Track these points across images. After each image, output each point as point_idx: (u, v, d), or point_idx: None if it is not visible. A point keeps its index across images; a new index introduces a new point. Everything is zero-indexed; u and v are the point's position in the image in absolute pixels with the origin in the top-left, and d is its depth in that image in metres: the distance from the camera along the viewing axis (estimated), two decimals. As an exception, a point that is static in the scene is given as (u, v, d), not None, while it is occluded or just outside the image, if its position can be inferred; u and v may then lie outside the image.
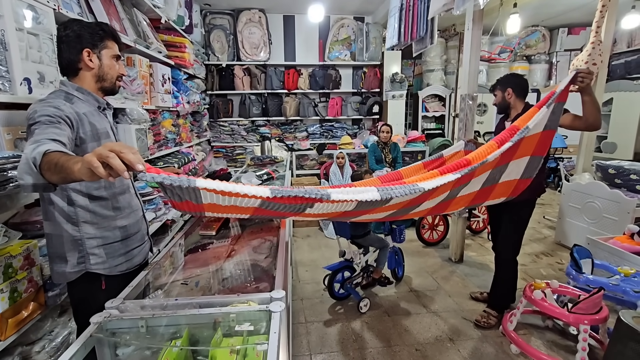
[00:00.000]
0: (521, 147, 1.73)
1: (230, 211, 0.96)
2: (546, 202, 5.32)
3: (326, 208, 1.04)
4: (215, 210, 0.93)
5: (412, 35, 3.23)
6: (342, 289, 2.61)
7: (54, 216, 1.24)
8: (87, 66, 1.26)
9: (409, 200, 1.33)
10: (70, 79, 1.28)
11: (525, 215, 2.27)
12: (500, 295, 2.39)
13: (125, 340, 0.76)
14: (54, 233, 1.26)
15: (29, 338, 1.50)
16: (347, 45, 5.67)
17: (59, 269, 1.28)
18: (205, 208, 0.87)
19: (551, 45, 6.41)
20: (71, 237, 1.26)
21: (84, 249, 1.28)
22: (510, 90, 2.27)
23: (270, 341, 0.69)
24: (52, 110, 1.10)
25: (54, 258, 1.28)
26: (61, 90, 1.25)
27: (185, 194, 0.79)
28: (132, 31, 2.48)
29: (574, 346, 1.89)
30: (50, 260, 1.30)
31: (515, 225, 2.28)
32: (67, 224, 1.25)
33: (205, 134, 4.94)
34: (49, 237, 1.28)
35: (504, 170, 1.78)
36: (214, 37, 5.18)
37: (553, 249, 3.54)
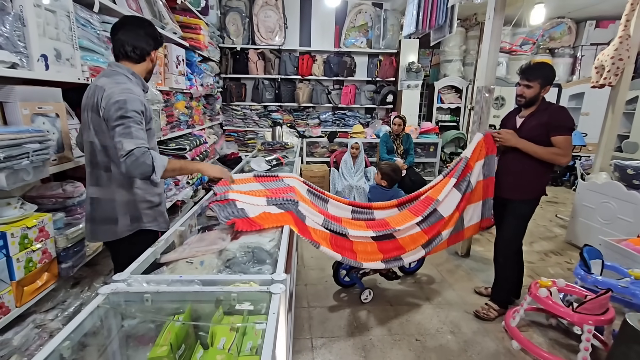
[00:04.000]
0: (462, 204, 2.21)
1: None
2: (560, 200, 5.21)
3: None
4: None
5: (431, 23, 3.14)
6: (348, 277, 2.64)
7: (108, 182, 1.44)
8: (151, 61, 1.56)
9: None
10: (121, 62, 1.49)
11: (526, 214, 2.24)
12: (501, 290, 2.37)
13: (130, 312, 0.79)
14: (104, 197, 1.45)
15: (43, 307, 1.57)
16: (363, 32, 5.56)
17: (109, 229, 1.47)
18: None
19: (577, 38, 6.16)
20: (124, 200, 1.47)
21: (138, 210, 1.51)
22: (549, 88, 2.08)
23: (269, 321, 0.70)
24: (138, 106, 1.35)
25: (102, 219, 1.47)
26: (122, 73, 1.45)
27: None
28: (147, 11, 2.48)
29: (577, 346, 1.88)
30: (95, 222, 1.48)
31: (515, 223, 2.25)
32: (121, 189, 1.46)
33: (217, 118, 4.96)
34: (96, 201, 1.46)
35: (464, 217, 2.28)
36: (230, 19, 5.14)
37: (563, 248, 3.49)
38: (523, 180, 2.16)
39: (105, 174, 1.44)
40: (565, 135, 2.02)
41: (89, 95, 1.43)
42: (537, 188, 2.18)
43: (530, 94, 2.08)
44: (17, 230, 1.29)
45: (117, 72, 1.45)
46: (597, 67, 3.25)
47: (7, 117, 1.36)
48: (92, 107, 1.39)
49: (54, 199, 1.61)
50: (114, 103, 1.30)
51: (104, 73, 1.47)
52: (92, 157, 1.44)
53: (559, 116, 2.03)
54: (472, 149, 2.26)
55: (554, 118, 2.03)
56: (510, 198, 2.23)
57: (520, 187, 2.19)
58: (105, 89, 1.35)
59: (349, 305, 2.45)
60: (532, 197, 2.20)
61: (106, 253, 2.03)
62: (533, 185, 2.16)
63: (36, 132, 1.32)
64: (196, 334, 0.83)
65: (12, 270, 1.28)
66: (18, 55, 1.33)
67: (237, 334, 0.75)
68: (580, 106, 6.28)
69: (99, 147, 1.42)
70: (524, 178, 2.16)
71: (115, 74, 1.44)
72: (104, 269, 2.01)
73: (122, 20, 1.52)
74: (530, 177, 2.15)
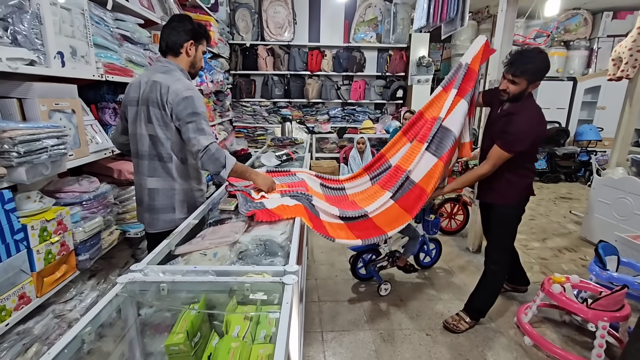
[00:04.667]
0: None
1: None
2: (574, 196, 5.11)
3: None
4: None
5: (442, 16, 3.10)
6: (365, 270, 2.65)
7: (168, 173, 1.54)
8: (187, 53, 1.58)
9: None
10: (168, 57, 1.57)
11: (510, 219, 2.05)
12: (479, 300, 2.14)
13: (147, 301, 0.81)
14: (162, 188, 1.54)
15: (62, 297, 1.62)
16: (373, 27, 5.51)
17: (167, 217, 1.57)
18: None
19: (593, 30, 5.99)
20: (183, 190, 1.58)
21: (194, 198, 1.63)
22: (539, 83, 1.81)
23: (283, 310, 0.71)
24: (203, 102, 1.49)
25: (161, 209, 1.56)
26: (173, 68, 1.54)
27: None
28: (159, 8, 2.51)
29: (590, 342, 1.85)
30: (155, 211, 1.57)
31: (502, 230, 2.08)
32: (179, 179, 1.56)
33: (227, 114, 5.00)
34: (155, 191, 1.55)
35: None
36: (239, 15, 5.15)
37: (577, 245, 3.43)
38: (502, 184, 1.98)
39: (165, 165, 1.53)
40: (500, 148, 1.82)
41: (145, 90, 1.50)
42: (518, 192, 1.99)
43: (515, 90, 1.78)
44: (37, 223, 1.33)
45: (169, 68, 1.53)
46: (614, 59, 3.16)
47: (26, 113, 1.40)
48: (153, 102, 1.47)
49: (71, 193, 1.65)
50: (183, 100, 1.42)
51: (157, 69, 1.55)
52: (151, 150, 1.52)
53: (517, 123, 1.78)
54: (473, 53, 1.96)
55: (510, 121, 1.81)
56: (492, 202, 2.08)
57: (500, 192, 2.01)
58: (169, 85, 1.45)
59: (359, 299, 2.46)
60: (514, 201, 2.00)
61: (122, 246, 2.08)
62: (513, 190, 1.98)
63: (54, 128, 1.35)
64: (211, 322, 0.85)
65: (33, 261, 1.33)
66: (36, 53, 1.36)
67: (251, 322, 0.76)
68: (596, 100, 6.12)
69: (163, 139, 1.50)
70: (502, 182, 1.98)
71: (168, 70, 1.52)
72: (119, 262, 2.06)
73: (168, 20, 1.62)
74: (508, 182, 1.96)
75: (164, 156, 1.52)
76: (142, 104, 1.51)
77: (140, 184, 1.60)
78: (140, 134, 1.53)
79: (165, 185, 1.55)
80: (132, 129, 1.58)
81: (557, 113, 6.25)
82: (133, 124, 1.57)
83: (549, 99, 6.14)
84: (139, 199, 1.65)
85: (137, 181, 1.63)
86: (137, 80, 1.56)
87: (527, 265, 2.99)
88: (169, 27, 1.55)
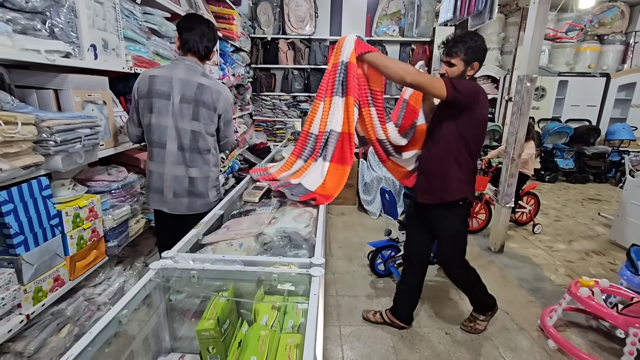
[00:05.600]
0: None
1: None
2: (603, 198, 4.91)
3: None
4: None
5: (470, 9, 3.01)
6: (384, 266, 2.64)
7: (205, 162, 1.71)
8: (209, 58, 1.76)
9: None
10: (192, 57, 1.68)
11: (450, 223, 1.85)
12: (478, 299, 2.07)
13: (179, 287, 0.83)
14: (199, 176, 1.71)
15: (92, 282, 1.69)
16: (396, 20, 5.41)
17: (204, 201, 1.75)
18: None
19: (630, 23, 5.69)
20: (215, 177, 1.79)
21: (219, 184, 1.86)
22: (477, 65, 1.70)
23: (311, 302, 0.72)
24: None
25: (198, 195, 1.73)
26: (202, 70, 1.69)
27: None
28: (185, 1, 2.54)
29: (619, 349, 1.79)
30: (194, 195, 1.73)
31: (447, 239, 1.91)
32: (214, 167, 1.77)
33: (247, 107, 5.04)
34: (194, 180, 1.71)
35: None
36: (261, 9, 5.16)
37: (606, 248, 3.29)
38: (436, 180, 1.81)
39: (204, 157, 1.71)
40: (442, 79, 1.62)
41: (186, 89, 1.62)
42: (455, 189, 1.77)
43: (453, 73, 1.69)
44: (71, 209, 1.38)
45: (199, 69, 1.67)
46: (654, 53, 2.99)
47: (61, 103, 1.45)
48: (204, 103, 1.64)
49: (101, 182, 1.71)
50: (230, 106, 1.75)
51: (196, 70, 1.66)
52: (192, 143, 1.67)
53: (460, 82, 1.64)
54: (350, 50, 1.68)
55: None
56: (425, 202, 1.85)
57: (432, 188, 1.82)
58: (219, 90, 1.68)
59: (377, 295, 2.45)
60: (450, 199, 1.78)
61: (147, 235, 2.14)
62: (449, 187, 1.77)
63: (87, 118, 1.39)
64: (238, 311, 0.86)
65: (67, 246, 1.38)
66: (71, 45, 1.41)
67: (279, 312, 0.77)
68: (630, 97, 5.83)
69: (206, 135, 1.69)
70: (437, 178, 1.80)
71: (203, 72, 1.68)
72: (144, 249, 2.13)
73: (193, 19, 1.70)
74: (444, 177, 1.78)
75: (204, 149, 1.70)
76: (187, 102, 1.63)
77: (162, 173, 1.68)
78: (181, 128, 1.64)
79: (202, 174, 1.72)
80: (158, 120, 1.63)
81: (588, 111, 5.99)
82: (161, 115, 1.63)
83: (579, 95, 5.90)
84: (157, 186, 1.71)
85: (157, 170, 1.69)
86: (164, 74, 1.61)
87: (551, 267, 2.91)
88: (202, 31, 1.66)
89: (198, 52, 1.67)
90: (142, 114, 1.66)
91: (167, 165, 1.68)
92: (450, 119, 1.73)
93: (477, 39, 1.68)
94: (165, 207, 1.74)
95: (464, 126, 1.71)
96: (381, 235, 2.72)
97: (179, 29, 1.67)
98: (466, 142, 1.74)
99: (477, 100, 1.68)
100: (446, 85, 1.57)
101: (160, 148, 1.66)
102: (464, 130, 1.72)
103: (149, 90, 1.62)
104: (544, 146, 5.75)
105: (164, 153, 1.66)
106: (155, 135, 1.66)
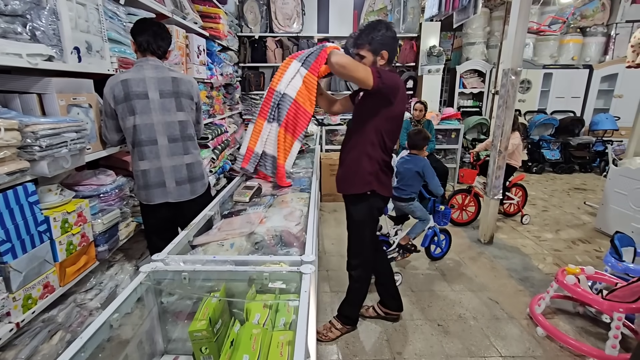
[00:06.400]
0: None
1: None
2: (588, 187, 5.02)
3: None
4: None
5: (455, 4, 3.04)
6: None
7: (195, 148, 1.86)
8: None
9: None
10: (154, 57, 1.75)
11: (356, 214, 1.85)
12: (348, 305, 2.03)
13: (170, 289, 0.84)
14: (194, 161, 1.84)
15: (83, 287, 1.68)
16: (383, 16, 5.42)
17: (202, 182, 1.89)
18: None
19: (611, 15, 5.80)
20: (202, 161, 1.93)
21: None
22: (386, 54, 1.67)
23: (301, 299, 0.73)
24: None
25: (197, 178, 1.85)
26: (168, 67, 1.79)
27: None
28: (169, 1, 2.51)
29: (605, 334, 1.84)
30: (194, 180, 1.84)
31: (351, 227, 1.91)
32: (198, 151, 1.89)
33: (237, 107, 5.00)
34: (191, 165, 1.82)
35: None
36: (247, 7, 5.12)
37: (592, 236, 3.38)
38: (348, 171, 1.81)
39: (193, 143, 1.85)
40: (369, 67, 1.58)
41: (167, 84, 1.73)
42: (363, 182, 1.76)
43: (365, 64, 1.63)
44: (59, 215, 1.37)
45: (166, 66, 1.77)
46: (633, 45, 3.07)
47: (46, 108, 1.43)
48: (184, 94, 1.78)
49: (88, 186, 1.69)
50: (199, 92, 1.89)
51: (162, 67, 1.75)
52: (182, 132, 1.79)
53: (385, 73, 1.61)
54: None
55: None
56: (339, 192, 1.88)
57: (344, 178, 1.84)
58: (191, 81, 1.84)
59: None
60: (357, 191, 1.80)
61: (138, 238, 2.12)
62: (358, 179, 1.77)
63: (73, 122, 1.38)
64: (230, 311, 0.87)
65: (56, 252, 1.37)
66: (53, 48, 1.38)
67: (271, 310, 0.78)
68: (613, 88, 5.96)
69: (190, 122, 1.83)
70: (349, 168, 1.81)
71: (170, 68, 1.78)
72: (135, 253, 2.11)
73: (144, 21, 1.77)
74: (355, 168, 1.78)
75: (192, 135, 1.84)
76: (167, 96, 1.73)
77: (160, 167, 1.74)
78: (168, 122, 1.74)
79: (194, 159, 1.85)
80: (143, 120, 1.69)
81: (572, 102, 6.11)
82: (144, 114, 1.69)
83: (563, 87, 6.01)
84: (157, 181, 1.75)
85: (153, 166, 1.73)
86: (135, 77, 1.67)
87: (539, 257, 2.97)
88: (155, 31, 1.72)
89: (155, 52, 1.73)
90: (123, 117, 1.68)
91: (163, 159, 1.74)
92: (369, 112, 1.72)
93: (380, 28, 1.66)
94: (170, 197, 1.79)
95: (381, 120, 1.70)
96: (373, 231, 2.75)
97: (132, 32, 1.73)
98: (380, 136, 1.72)
99: (397, 94, 1.67)
100: (373, 74, 1.54)
101: (152, 145, 1.71)
102: (380, 124, 1.71)
103: (127, 94, 1.65)
104: (530, 138, 5.85)
105: (157, 149, 1.72)
106: (143, 134, 1.69)
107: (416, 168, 2.46)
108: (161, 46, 1.76)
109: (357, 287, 2.00)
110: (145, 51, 1.72)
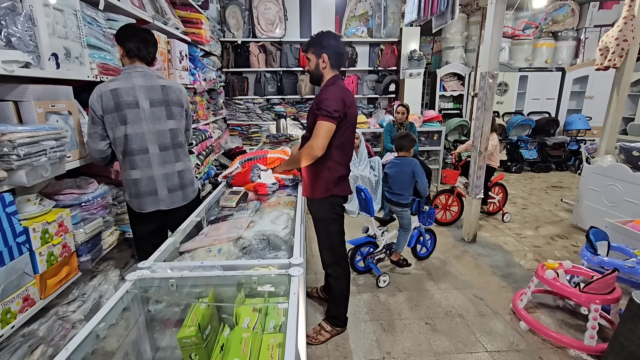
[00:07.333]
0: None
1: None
2: (565, 185, 5.21)
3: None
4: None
5: (433, 10, 3.12)
6: (364, 263, 2.69)
7: (185, 154, 1.88)
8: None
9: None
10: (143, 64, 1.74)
11: (320, 213, 1.93)
12: (336, 307, 2.07)
13: (158, 296, 0.83)
14: (185, 168, 1.87)
15: (65, 299, 1.63)
16: (364, 21, 5.52)
17: (193, 188, 1.91)
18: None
19: (580, 20, 6.08)
20: (192, 167, 1.94)
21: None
22: (326, 56, 1.78)
23: (290, 301, 0.74)
24: None
25: (188, 185, 1.87)
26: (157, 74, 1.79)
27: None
28: (150, 7, 2.49)
29: (584, 325, 1.92)
30: (185, 187, 1.86)
31: (319, 231, 2.00)
32: (189, 158, 1.92)
33: (221, 112, 4.97)
34: (182, 172, 1.84)
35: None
36: (230, 12, 5.11)
37: (569, 232, 3.51)
38: (309, 179, 1.90)
39: (183, 150, 1.87)
40: (320, 120, 1.70)
41: (157, 93, 1.72)
42: (324, 189, 1.85)
43: (311, 66, 1.83)
44: (38, 225, 1.33)
45: (155, 73, 1.76)
46: (601, 49, 3.22)
47: (23, 115, 1.39)
48: (174, 102, 1.79)
49: (69, 195, 1.65)
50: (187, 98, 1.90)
51: (151, 75, 1.73)
52: (173, 140, 1.80)
53: (322, 97, 1.75)
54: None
55: (318, 100, 1.77)
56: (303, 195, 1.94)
57: (305, 185, 1.93)
58: (180, 88, 1.84)
59: (359, 291, 2.50)
60: (318, 196, 1.88)
61: (122, 247, 2.08)
62: (319, 186, 1.86)
63: (52, 130, 1.35)
64: (219, 316, 0.87)
65: (35, 263, 1.33)
66: (30, 55, 1.36)
67: (260, 314, 0.79)
68: (584, 90, 6.23)
69: (180, 130, 1.84)
70: (310, 177, 1.89)
71: (159, 75, 1.77)
72: (119, 262, 2.07)
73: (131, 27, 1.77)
74: (315, 178, 1.87)
75: (183, 143, 1.86)
76: (157, 105, 1.72)
77: (151, 175, 1.74)
78: (160, 130, 1.74)
79: (185, 166, 1.87)
80: (134, 129, 1.67)
81: (547, 103, 6.35)
82: (135, 124, 1.67)
83: (538, 89, 6.24)
84: (149, 189, 1.74)
85: (145, 174, 1.72)
86: (124, 86, 1.64)
87: (520, 253, 3.07)
88: (145, 37, 1.72)
89: (145, 58, 1.73)
90: (112, 127, 1.64)
91: (155, 167, 1.73)
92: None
93: (324, 36, 1.82)
94: (162, 205, 1.78)
95: (337, 135, 1.77)
96: (360, 233, 2.78)
97: (119, 39, 1.71)
98: (336, 149, 1.81)
99: (345, 107, 1.75)
100: (327, 121, 1.69)
101: (143, 154, 1.70)
102: (337, 139, 1.79)
103: (117, 104, 1.62)
104: (509, 138, 6.04)
105: (148, 157, 1.71)
106: (134, 143, 1.67)
107: (409, 169, 2.52)
108: (151, 52, 1.76)
109: (336, 283, 2.02)
110: (134, 57, 1.70)
